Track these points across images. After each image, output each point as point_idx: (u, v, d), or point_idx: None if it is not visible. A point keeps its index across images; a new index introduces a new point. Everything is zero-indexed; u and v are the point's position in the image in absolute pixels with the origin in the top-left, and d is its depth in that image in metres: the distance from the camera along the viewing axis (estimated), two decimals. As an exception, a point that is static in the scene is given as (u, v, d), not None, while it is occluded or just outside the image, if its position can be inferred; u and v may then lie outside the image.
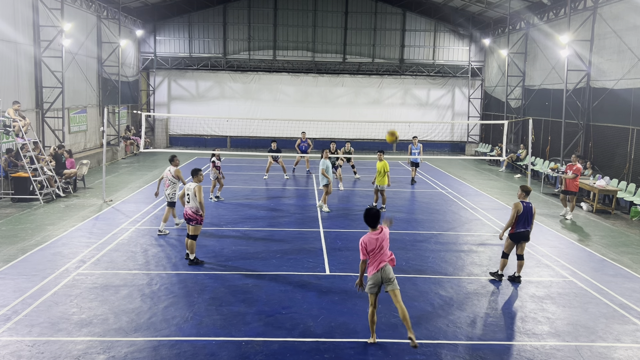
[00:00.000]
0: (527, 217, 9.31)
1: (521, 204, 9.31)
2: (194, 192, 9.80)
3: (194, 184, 9.94)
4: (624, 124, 17.07)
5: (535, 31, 24.11)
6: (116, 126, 26.10)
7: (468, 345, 7.06)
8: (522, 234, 9.33)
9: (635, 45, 16.56)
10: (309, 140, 21.40)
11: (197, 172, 10.14)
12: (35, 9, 18.59)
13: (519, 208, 9.26)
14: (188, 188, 9.94)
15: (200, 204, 9.78)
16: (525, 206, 9.30)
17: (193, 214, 9.83)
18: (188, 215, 9.87)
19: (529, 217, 9.34)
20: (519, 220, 9.28)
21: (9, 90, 17.03)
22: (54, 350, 6.60)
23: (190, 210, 9.83)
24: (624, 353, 6.97)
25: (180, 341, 6.92)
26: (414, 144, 19.33)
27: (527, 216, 9.31)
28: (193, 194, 9.81)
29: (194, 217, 9.84)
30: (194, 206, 9.81)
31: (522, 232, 9.32)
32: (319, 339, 7.09)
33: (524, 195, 9.47)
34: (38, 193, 14.85)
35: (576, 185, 14.66)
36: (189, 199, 9.86)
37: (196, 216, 9.84)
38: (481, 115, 31.60)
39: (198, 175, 10.09)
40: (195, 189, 9.81)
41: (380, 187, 14.75)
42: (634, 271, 10.28)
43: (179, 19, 30.47)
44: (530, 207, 9.36)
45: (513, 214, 9.27)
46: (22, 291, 8.40)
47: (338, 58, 31.05)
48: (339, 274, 9.64)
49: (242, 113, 30.55)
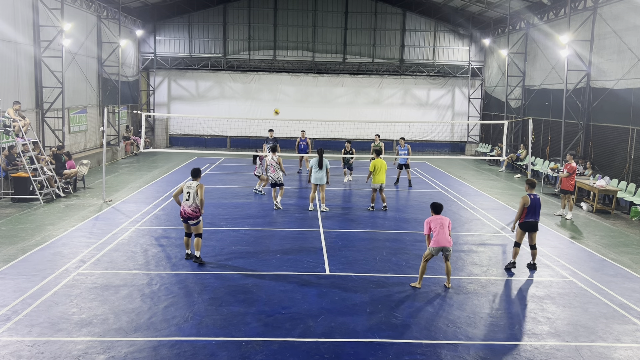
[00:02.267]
0: (535, 208, 9.98)
1: (528, 196, 9.98)
2: (196, 191, 9.79)
3: (195, 182, 9.92)
4: (624, 124, 17.07)
5: (535, 31, 24.11)
6: (116, 126, 26.11)
7: (468, 345, 7.06)
8: (531, 223, 9.99)
9: (635, 45, 16.56)
10: (308, 140, 21.42)
11: (198, 172, 10.17)
12: (35, 9, 18.59)
13: (526, 201, 9.92)
14: (188, 186, 9.89)
15: (201, 201, 9.81)
16: (532, 198, 9.97)
17: (193, 212, 9.82)
18: (188, 214, 9.84)
19: (537, 209, 10.03)
20: (528, 211, 9.95)
21: (9, 90, 17.03)
22: (54, 350, 6.60)
23: (190, 209, 9.80)
24: (624, 353, 6.98)
25: (180, 341, 6.92)
26: (400, 145, 18.62)
27: (535, 208, 9.99)
28: (195, 192, 9.79)
29: (194, 215, 9.84)
30: (193, 204, 9.80)
31: (531, 222, 9.98)
32: (319, 339, 7.09)
33: (530, 188, 10.20)
34: (38, 193, 14.85)
35: (572, 184, 14.65)
36: (189, 197, 9.82)
37: (196, 214, 9.86)
38: (481, 115, 31.61)
39: (199, 176, 10.12)
40: (197, 187, 9.81)
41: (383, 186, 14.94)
42: (634, 271, 10.29)
43: (179, 19, 30.47)
44: (537, 199, 10.05)
45: (521, 207, 9.96)
46: (22, 291, 8.40)
47: (338, 58, 31.06)
48: (339, 274, 9.64)
49: (242, 113, 30.55)
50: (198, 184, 9.89)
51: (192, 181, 9.98)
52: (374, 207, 14.96)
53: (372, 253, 10.97)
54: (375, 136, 19.53)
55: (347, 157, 19.14)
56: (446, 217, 9.13)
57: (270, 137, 20.19)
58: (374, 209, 14.94)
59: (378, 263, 10.32)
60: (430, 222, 9.04)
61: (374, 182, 14.80)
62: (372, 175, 14.78)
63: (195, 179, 10.03)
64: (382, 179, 14.73)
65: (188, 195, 9.83)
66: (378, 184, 14.78)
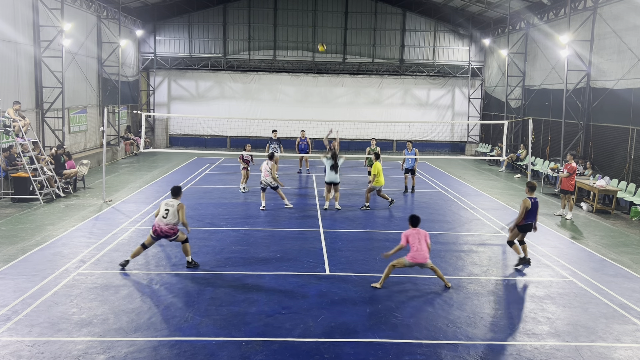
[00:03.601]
0: (534, 211, 10.20)
1: (529, 200, 10.13)
2: (177, 210, 9.42)
3: (176, 201, 9.56)
4: (624, 124, 17.07)
5: (535, 31, 24.12)
6: (116, 126, 26.11)
7: (468, 345, 7.06)
8: (529, 225, 10.22)
9: (635, 45, 16.56)
10: (309, 139, 21.39)
11: (178, 190, 9.80)
12: (35, 9, 18.59)
13: (527, 204, 10.08)
14: (168, 204, 9.53)
15: (184, 224, 9.50)
16: (533, 202, 10.14)
17: (169, 230, 9.43)
18: (164, 232, 9.42)
19: (536, 211, 10.25)
20: (528, 213, 10.12)
21: (9, 90, 17.04)
22: (54, 350, 6.60)
23: (167, 227, 9.40)
24: (624, 353, 6.98)
25: (180, 341, 6.92)
26: (408, 149, 17.91)
27: (535, 210, 10.21)
28: (175, 211, 9.41)
29: (170, 232, 9.46)
30: (171, 222, 9.40)
31: (530, 224, 10.22)
32: (319, 339, 7.09)
33: (530, 191, 10.33)
34: (38, 193, 14.85)
35: (572, 184, 14.65)
36: (166, 214, 9.40)
37: (173, 232, 9.48)
38: (481, 115, 31.61)
39: (180, 194, 9.76)
40: (178, 207, 9.45)
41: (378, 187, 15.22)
42: (634, 271, 10.29)
43: (179, 19, 30.47)
44: (537, 202, 10.24)
45: (522, 210, 10.08)
46: (22, 291, 8.40)
47: (338, 58, 31.06)
48: (339, 274, 9.64)
49: (242, 113, 30.55)
50: (179, 203, 9.54)
51: (173, 199, 9.62)
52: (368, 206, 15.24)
53: (372, 253, 10.98)
54: (372, 140, 18.95)
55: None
56: (423, 231, 8.98)
57: (274, 137, 20.12)
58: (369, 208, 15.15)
59: (378, 263, 10.32)
60: (409, 237, 8.86)
61: (375, 184, 15.05)
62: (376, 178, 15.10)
63: (176, 197, 9.68)
64: (382, 181, 15.21)
65: (166, 213, 9.43)
66: (379, 186, 15.15)
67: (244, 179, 17.56)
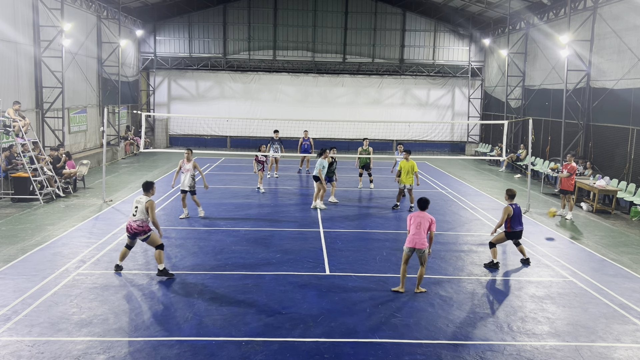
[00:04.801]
0: (519, 217, 10.24)
1: (510, 207, 10.17)
2: (145, 207, 9.03)
3: (145, 197, 9.16)
4: (624, 124, 17.07)
5: (535, 31, 24.11)
6: (116, 126, 26.10)
7: (468, 345, 7.06)
8: (518, 232, 10.30)
9: (635, 45, 16.56)
10: (311, 140, 21.40)
11: (149, 185, 9.35)
12: (35, 9, 18.59)
13: (509, 211, 10.11)
14: (138, 201, 9.14)
15: (155, 223, 9.09)
16: (515, 208, 10.19)
17: (139, 228, 9.06)
18: (134, 229, 9.05)
19: (520, 217, 10.29)
20: (514, 220, 10.16)
21: (9, 90, 17.03)
22: (54, 350, 6.60)
23: (136, 224, 9.05)
24: (624, 353, 6.98)
25: (180, 341, 6.92)
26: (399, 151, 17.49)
27: (519, 216, 10.25)
28: (144, 209, 9.03)
29: (140, 230, 9.07)
30: (139, 220, 9.04)
31: (519, 232, 10.30)
32: (319, 339, 7.09)
33: (509, 198, 10.40)
34: (38, 193, 14.85)
35: (571, 184, 14.66)
36: (136, 211, 9.05)
37: (143, 229, 9.09)
38: (481, 115, 31.61)
39: (151, 190, 9.32)
40: (147, 204, 9.04)
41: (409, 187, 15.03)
42: (634, 271, 10.29)
43: (179, 19, 30.47)
44: (519, 208, 10.31)
45: (504, 217, 10.10)
46: (22, 291, 8.39)
47: (338, 58, 31.06)
48: (339, 274, 9.64)
49: (242, 113, 30.55)
50: (148, 200, 9.11)
51: (143, 196, 9.23)
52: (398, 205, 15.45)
53: (372, 253, 10.97)
54: (365, 140, 18.42)
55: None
56: (428, 215, 8.65)
57: (276, 137, 20.11)
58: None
59: (378, 263, 10.32)
60: (411, 219, 8.65)
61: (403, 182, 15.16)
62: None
63: (146, 194, 9.25)
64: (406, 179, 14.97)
65: (135, 210, 9.07)
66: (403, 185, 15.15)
67: (260, 180, 17.61)
